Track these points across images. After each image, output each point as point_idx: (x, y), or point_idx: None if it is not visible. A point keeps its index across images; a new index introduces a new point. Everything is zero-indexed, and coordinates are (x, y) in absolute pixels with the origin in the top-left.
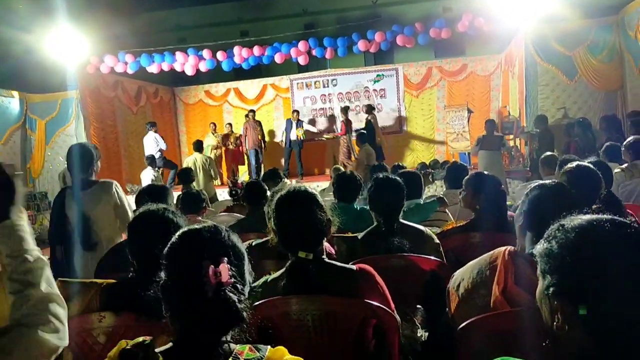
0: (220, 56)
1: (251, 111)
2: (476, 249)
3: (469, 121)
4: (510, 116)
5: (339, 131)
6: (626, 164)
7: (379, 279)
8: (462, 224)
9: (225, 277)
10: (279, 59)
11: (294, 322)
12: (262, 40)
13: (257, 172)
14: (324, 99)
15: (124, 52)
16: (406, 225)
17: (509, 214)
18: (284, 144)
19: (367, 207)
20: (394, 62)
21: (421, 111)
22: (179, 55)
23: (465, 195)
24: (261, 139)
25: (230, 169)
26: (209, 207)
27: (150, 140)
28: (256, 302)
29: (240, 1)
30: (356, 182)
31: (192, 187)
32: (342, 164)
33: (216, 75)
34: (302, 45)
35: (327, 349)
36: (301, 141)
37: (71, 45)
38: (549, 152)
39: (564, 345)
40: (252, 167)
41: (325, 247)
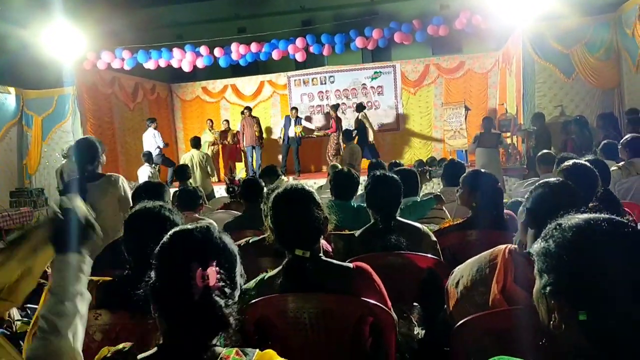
0: (217, 53)
1: (247, 108)
2: (473, 247)
3: (466, 119)
4: (507, 114)
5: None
6: (623, 162)
7: (375, 277)
8: (459, 221)
9: (212, 281)
10: (276, 55)
11: (291, 320)
12: (260, 36)
13: (253, 170)
14: (322, 96)
15: (121, 49)
16: (403, 222)
17: (505, 212)
18: (281, 141)
19: (364, 205)
20: (392, 59)
21: (418, 108)
22: (176, 51)
23: (462, 193)
24: (258, 136)
25: (227, 166)
26: (205, 204)
27: (149, 136)
28: (253, 300)
29: None
30: (353, 180)
31: (188, 184)
32: (330, 161)
33: (213, 71)
34: (299, 42)
35: (323, 347)
36: (299, 138)
37: (68, 41)
38: (546, 150)
39: (560, 344)
40: (249, 164)
41: (322, 245)
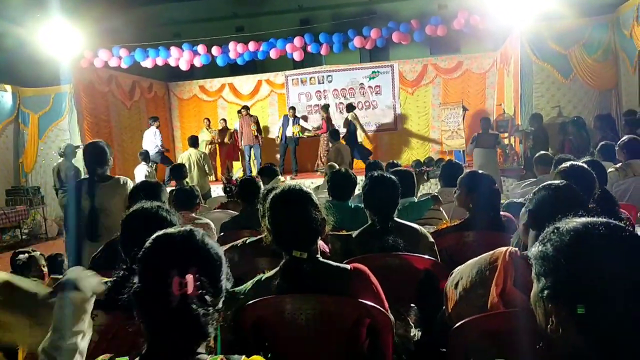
0: (215, 51)
1: (244, 107)
2: (470, 248)
3: (464, 119)
4: (505, 114)
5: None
6: (620, 163)
7: (373, 278)
8: (456, 223)
9: (190, 289)
10: (274, 54)
11: (288, 321)
12: (258, 35)
13: (251, 169)
14: (319, 95)
15: (118, 47)
16: (401, 223)
17: (503, 214)
18: (279, 140)
19: (361, 205)
20: (390, 58)
21: (416, 108)
22: (174, 50)
23: (459, 194)
24: (256, 135)
25: (224, 165)
26: (202, 204)
27: (150, 134)
28: (250, 301)
29: None
30: (351, 180)
31: (185, 183)
32: (320, 161)
33: (211, 70)
34: (297, 41)
35: (320, 348)
36: (297, 138)
37: (65, 39)
38: (543, 151)
39: (557, 347)
40: (246, 164)
41: (319, 246)
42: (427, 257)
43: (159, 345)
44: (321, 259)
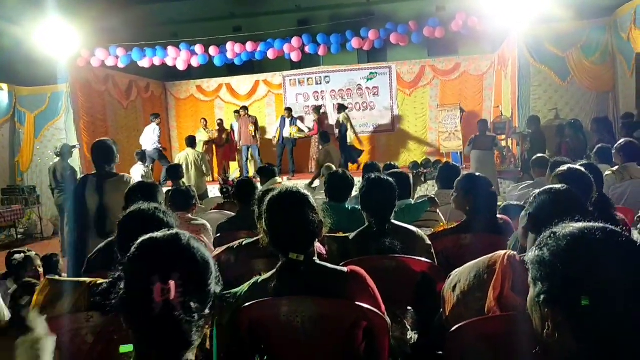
0: (212, 51)
1: (243, 108)
2: (467, 251)
3: (461, 121)
4: (502, 116)
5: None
6: (617, 167)
7: (370, 281)
8: (453, 225)
9: (172, 295)
10: (271, 55)
11: (284, 324)
12: (255, 36)
13: (248, 170)
14: (317, 96)
15: (116, 46)
16: (398, 225)
17: (499, 217)
18: (276, 141)
19: (358, 207)
20: (387, 60)
21: (414, 110)
22: (171, 49)
23: (456, 196)
24: (254, 135)
25: (221, 165)
26: (198, 204)
27: (149, 131)
28: (246, 304)
29: None
30: (348, 182)
31: (181, 184)
32: (312, 163)
33: (208, 70)
34: (295, 41)
35: (316, 351)
36: (294, 139)
37: (62, 37)
38: (540, 154)
39: (553, 352)
40: (243, 164)
41: (316, 248)
42: (424, 259)
43: (144, 352)
44: (318, 261)
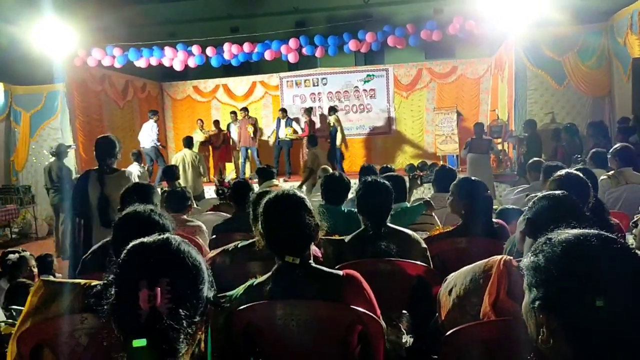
0: (209, 52)
1: (243, 109)
2: (462, 255)
3: (457, 124)
4: (499, 120)
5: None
6: (613, 171)
7: (365, 284)
8: (448, 229)
9: (159, 302)
10: (268, 56)
11: (279, 327)
12: (253, 37)
13: (244, 171)
14: (314, 98)
15: (112, 46)
16: (394, 229)
17: (495, 221)
18: (271, 142)
19: (354, 210)
20: (385, 62)
21: (410, 112)
22: (168, 50)
23: (451, 200)
24: (252, 137)
25: (217, 167)
26: (194, 205)
27: (147, 128)
28: (241, 306)
29: None
30: (344, 184)
31: (177, 185)
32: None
33: (205, 71)
34: (292, 42)
35: (312, 354)
36: (290, 140)
37: (58, 37)
38: (536, 158)
39: (548, 358)
40: (241, 166)
41: (312, 251)
42: (419, 263)
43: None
44: (314, 264)
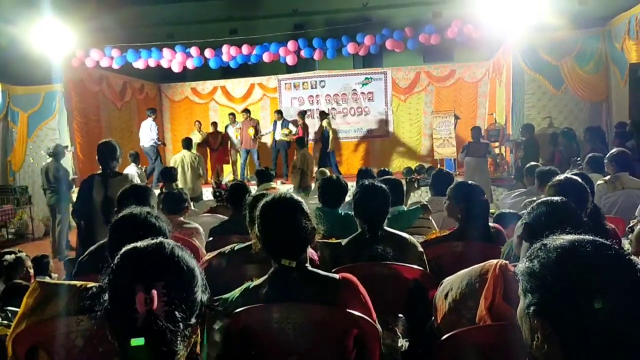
0: (208, 54)
1: (245, 111)
2: (459, 258)
3: (455, 127)
4: (496, 123)
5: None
6: (609, 176)
7: (361, 288)
8: (445, 233)
9: (155, 305)
10: (267, 58)
11: (275, 331)
12: (251, 39)
13: (244, 174)
14: (312, 100)
15: (110, 47)
16: (390, 232)
17: (492, 225)
18: (269, 144)
19: (351, 213)
20: (383, 65)
21: (408, 115)
22: (166, 51)
23: (448, 204)
24: (253, 139)
25: (214, 169)
26: (190, 207)
27: (146, 126)
28: (237, 309)
29: None
30: (342, 187)
31: (174, 187)
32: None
33: (203, 72)
34: (291, 45)
35: (308, 357)
36: (287, 142)
37: (56, 37)
38: (534, 162)
39: None
40: (241, 167)
41: (308, 254)
42: (416, 267)
43: None
44: (310, 267)
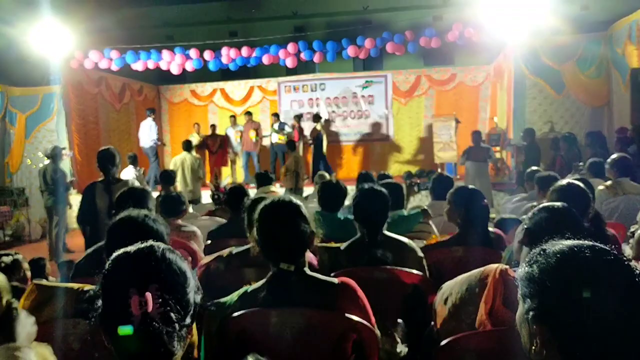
0: (207, 56)
1: (247, 113)
2: (459, 263)
3: (456, 131)
4: (497, 128)
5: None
6: (610, 181)
7: (360, 293)
8: (445, 238)
9: (150, 307)
10: (267, 60)
11: (273, 335)
12: (251, 41)
13: (244, 175)
14: (311, 103)
15: (110, 48)
16: (390, 237)
17: (493, 230)
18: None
19: (351, 217)
20: (383, 68)
21: (409, 119)
22: (166, 53)
23: (448, 209)
24: (254, 142)
25: (213, 172)
26: (188, 210)
27: (146, 126)
28: (235, 313)
29: (230, 1)
30: (341, 191)
31: (171, 190)
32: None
33: (202, 74)
34: (291, 47)
35: None
36: (284, 145)
37: (55, 39)
38: (535, 166)
39: None
40: (244, 170)
41: (307, 258)
42: (415, 271)
43: None
44: (309, 271)
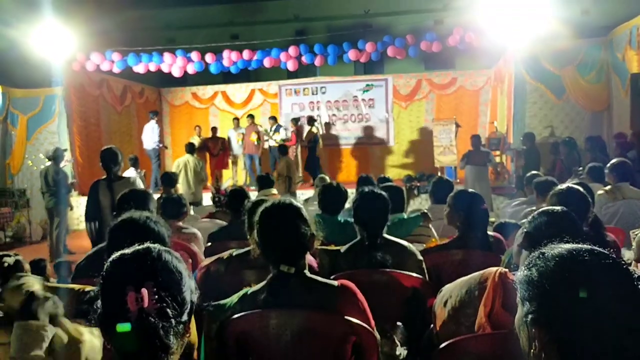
0: (208, 58)
1: (250, 116)
2: (458, 267)
3: (456, 135)
4: (497, 132)
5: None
6: (610, 186)
7: (360, 295)
8: (445, 241)
9: (146, 303)
10: (268, 63)
11: (273, 337)
12: (252, 44)
13: (245, 177)
14: (312, 107)
15: (111, 51)
16: (390, 240)
17: (492, 234)
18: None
19: (351, 220)
20: (384, 72)
21: (409, 123)
22: (167, 56)
23: (447, 212)
24: (256, 145)
25: (214, 174)
26: (190, 212)
27: (149, 129)
28: (235, 315)
29: (232, 4)
30: (341, 194)
31: (173, 192)
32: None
33: (204, 77)
34: (292, 51)
35: None
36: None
37: (57, 40)
38: (535, 171)
39: None
40: (249, 171)
41: (307, 261)
42: (414, 275)
43: None
44: (308, 274)
